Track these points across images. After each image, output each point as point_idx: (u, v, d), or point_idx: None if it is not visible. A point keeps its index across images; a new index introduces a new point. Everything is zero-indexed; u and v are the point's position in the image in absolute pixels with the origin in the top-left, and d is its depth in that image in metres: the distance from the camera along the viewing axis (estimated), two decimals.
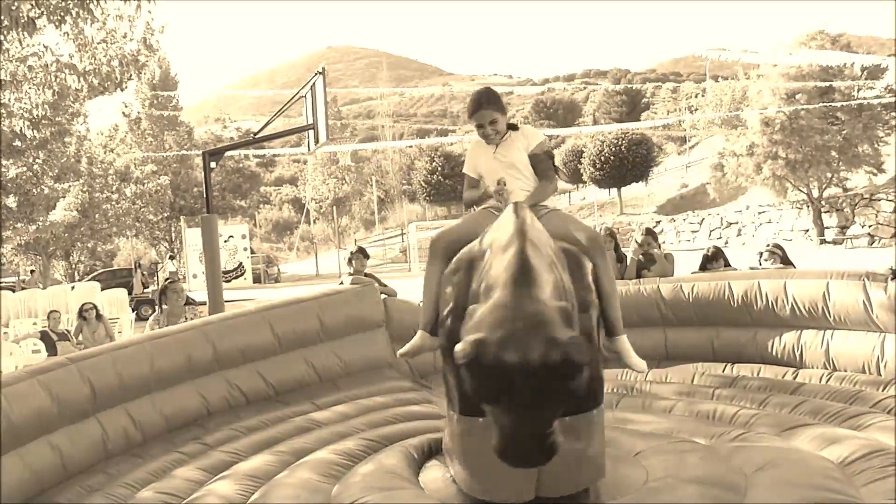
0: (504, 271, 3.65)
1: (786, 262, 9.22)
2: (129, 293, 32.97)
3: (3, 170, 22.93)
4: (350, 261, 9.61)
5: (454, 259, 4.52)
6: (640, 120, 69.67)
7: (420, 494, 4.55)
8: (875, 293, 6.56)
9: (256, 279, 42.60)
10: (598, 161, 53.41)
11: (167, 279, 10.88)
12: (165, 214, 46.96)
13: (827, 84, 35.21)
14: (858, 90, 36.00)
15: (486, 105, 4.82)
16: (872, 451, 4.62)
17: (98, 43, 13.77)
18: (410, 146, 66.62)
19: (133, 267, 33.63)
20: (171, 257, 35.74)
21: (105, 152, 38.88)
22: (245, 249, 38.84)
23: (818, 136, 34.09)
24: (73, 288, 22.97)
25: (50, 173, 25.81)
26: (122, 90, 15.06)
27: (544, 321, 3.27)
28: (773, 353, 7.29)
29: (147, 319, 9.89)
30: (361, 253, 9.69)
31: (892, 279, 6.49)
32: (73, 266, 43.71)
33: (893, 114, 34.61)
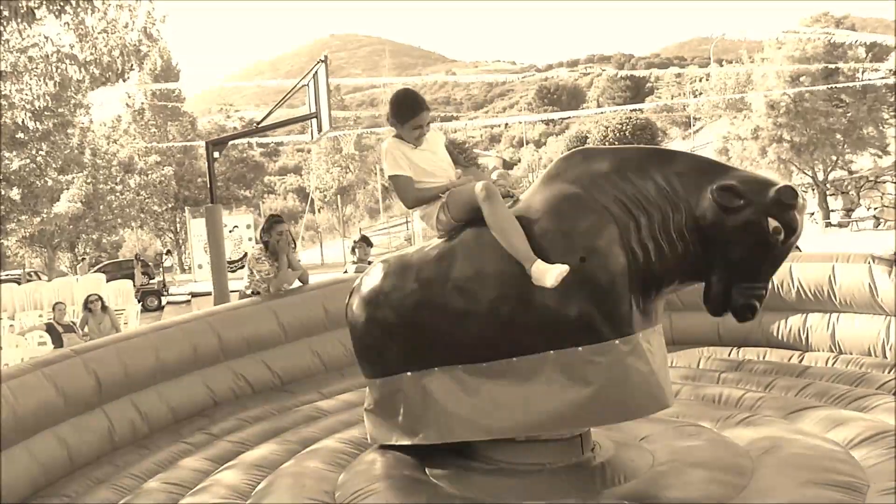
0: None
1: None
2: (151, 279, 33.12)
3: (6, 162, 22.93)
4: (353, 249, 9.61)
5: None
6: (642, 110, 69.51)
7: (426, 482, 4.55)
8: (880, 276, 6.55)
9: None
10: (602, 146, 53.29)
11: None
12: (170, 205, 47.04)
13: (832, 66, 35.10)
14: (863, 72, 35.89)
15: (426, 107, 4.85)
16: (878, 432, 4.62)
17: (99, 33, 13.74)
18: None
19: (134, 259, 33.63)
20: (168, 252, 35.62)
21: (108, 143, 38.94)
22: (250, 239, 38.76)
23: (823, 119, 34.00)
24: (78, 280, 23.01)
25: (53, 165, 25.81)
26: (124, 80, 15.06)
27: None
28: (779, 336, 7.28)
29: (153, 311, 9.87)
30: (365, 241, 9.69)
31: None
32: (79, 258, 43.78)
33: None
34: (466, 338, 4.48)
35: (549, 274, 4.06)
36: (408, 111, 4.78)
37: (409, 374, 4.77)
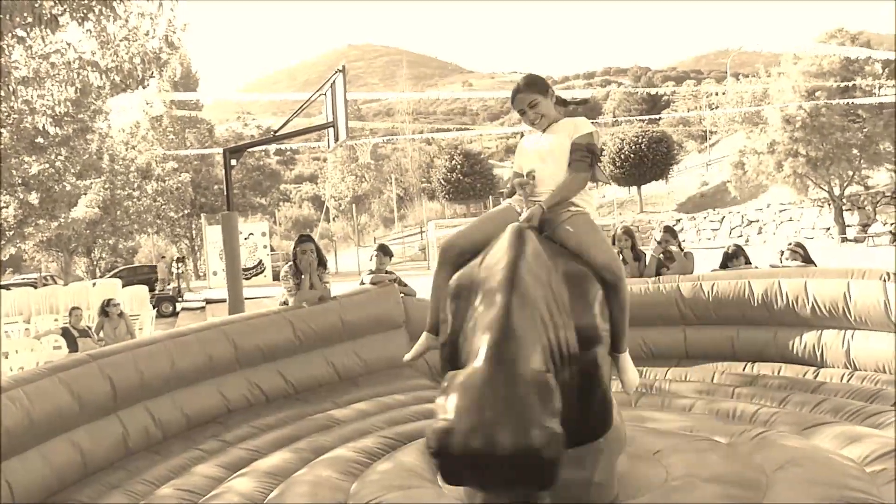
0: (483, 334, 3.47)
1: (807, 260, 9.14)
2: (153, 287, 33.22)
3: (25, 167, 23.05)
4: (372, 258, 9.62)
5: (456, 280, 4.23)
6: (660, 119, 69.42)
7: (438, 493, 4.55)
8: (894, 295, 6.51)
9: (276, 276, 42.67)
10: (618, 159, 53.27)
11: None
12: (186, 212, 47.25)
13: (848, 83, 35.00)
14: (879, 87, 35.77)
15: (523, 89, 4.70)
16: (893, 449, 4.60)
17: (120, 40, 13.80)
18: (430, 143, 66.63)
19: (159, 258, 33.76)
20: (181, 259, 35.75)
21: (127, 149, 39.09)
22: (265, 247, 38.92)
23: (839, 134, 33.88)
24: (94, 285, 23.11)
25: (72, 170, 25.92)
26: (143, 88, 15.11)
27: (517, 408, 3.03)
28: (794, 352, 7.25)
29: (167, 316, 9.89)
30: (383, 251, 9.68)
31: None
32: (95, 263, 43.97)
33: None
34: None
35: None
36: (511, 98, 4.81)
37: None
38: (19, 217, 25.57)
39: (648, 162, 52.38)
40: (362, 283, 9.36)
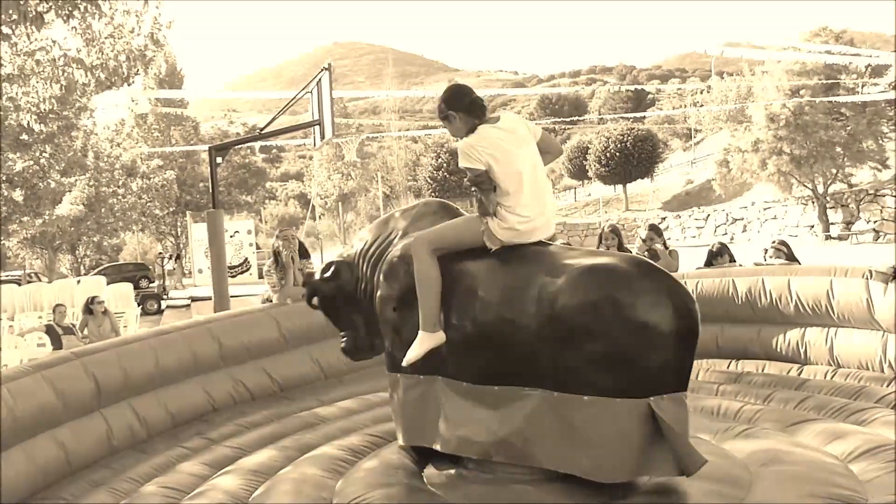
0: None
1: (791, 258, 9.17)
2: (151, 281, 33.17)
3: (10, 164, 22.94)
4: None
5: None
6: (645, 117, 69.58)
7: (423, 490, 4.55)
8: (876, 292, 6.55)
9: (262, 275, 42.50)
10: (603, 157, 53.36)
11: None
12: (171, 209, 46.98)
13: (831, 81, 35.14)
14: (863, 86, 35.92)
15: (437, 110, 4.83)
16: (876, 446, 4.63)
17: (106, 38, 13.75)
18: (416, 141, 66.55)
19: (157, 256, 33.65)
20: (175, 256, 35.60)
21: (111, 147, 38.88)
22: (251, 245, 38.78)
23: (823, 132, 33.99)
24: (78, 282, 23.00)
25: (57, 167, 25.81)
26: (129, 85, 15.06)
27: None
28: (778, 349, 7.28)
29: (152, 314, 9.87)
30: None
31: (893, 279, 6.47)
32: (79, 260, 43.75)
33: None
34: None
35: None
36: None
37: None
38: (3, 214, 25.43)
39: (634, 160, 52.47)
40: None
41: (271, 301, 8.25)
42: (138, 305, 22.65)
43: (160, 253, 35.97)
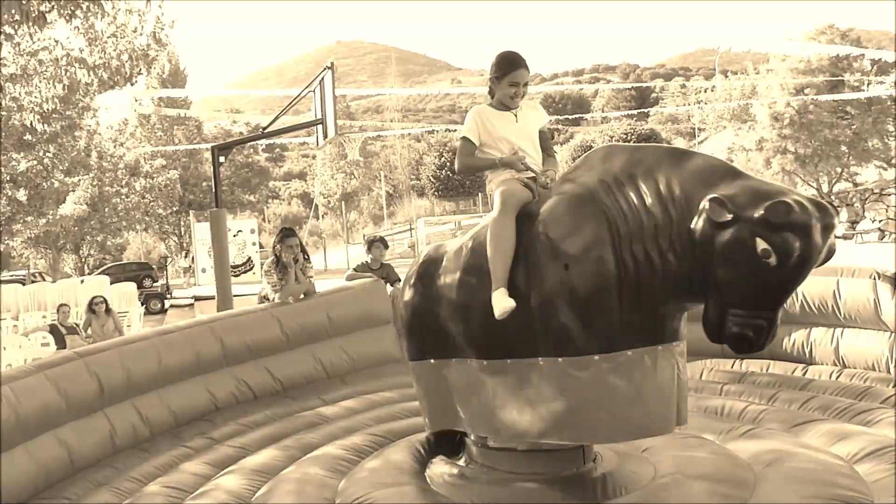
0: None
1: None
2: (154, 281, 33.14)
3: (13, 163, 22.97)
4: (369, 248, 9.54)
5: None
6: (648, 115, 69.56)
7: (426, 490, 4.54)
8: (883, 293, 6.52)
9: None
10: None
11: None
12: (174, 209, 47.09)
13: (836, 79, 35.09)
14: (868, 84, 35.88)
15: (525, 64, 4.62)
16: (882, 447, 4.59)
17: (108, 37, 13.77)
18: (419, 140, 66.57)
19: (163, 256, 33.68)
20: (187, 254, 35.71)
21: (115, 146, 38.99)
22: (254, 244, 38.80)
23: (827, 131, 33.98)
24: (82, 282, 23.04)
25: (60, 167, 25.85)
26: (131, 84, 15.08)
27: None
28: (783, 349, 7.25)
29: (156, 313, 9.87)
30: (382, 242, 9.66)
31: None
32: (83, 260, 43.82)
33: None
34: (470, 332, 4.48)
35: (497, 305, 4.07)
36: (507, 66, 4.60)
37: (431, 361, 4.82)
38: (7, 214, 25.48)
39: None
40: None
41: (267, 299, 8.24)
42: (142, 305, 22.68)
43: (164, 255, 36.00)
